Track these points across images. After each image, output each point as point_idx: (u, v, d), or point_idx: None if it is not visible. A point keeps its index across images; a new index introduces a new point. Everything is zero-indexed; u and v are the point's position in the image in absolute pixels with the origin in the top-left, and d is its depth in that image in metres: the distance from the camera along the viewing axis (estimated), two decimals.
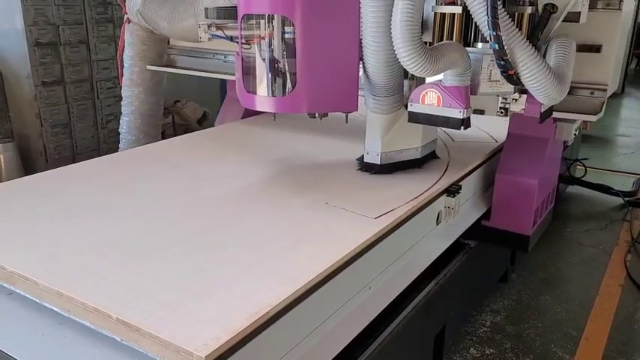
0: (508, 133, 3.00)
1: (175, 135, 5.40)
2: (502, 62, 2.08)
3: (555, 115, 2.69)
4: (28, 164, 5.13)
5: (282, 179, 2.62)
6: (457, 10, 2.25)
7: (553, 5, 2.24)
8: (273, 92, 2.47)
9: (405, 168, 2.67)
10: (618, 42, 2.61)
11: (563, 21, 2.29)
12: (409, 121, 2.40)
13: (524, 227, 2.92)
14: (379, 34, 2.20)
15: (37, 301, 1.60)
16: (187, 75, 4.22)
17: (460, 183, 2.62)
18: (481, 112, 2.46)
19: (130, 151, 3.43)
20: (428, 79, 2.35)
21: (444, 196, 2.51)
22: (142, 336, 1.42)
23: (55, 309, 1.56)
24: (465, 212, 2.78)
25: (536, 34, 2.27)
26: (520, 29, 2.20)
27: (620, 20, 2.56)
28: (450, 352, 3.00)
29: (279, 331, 1.55)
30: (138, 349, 1.39)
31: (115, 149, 4.47)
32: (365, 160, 2.67)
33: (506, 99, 2.40)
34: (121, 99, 4.31)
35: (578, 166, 5.23)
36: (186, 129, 6.02)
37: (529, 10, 2.24)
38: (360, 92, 2.45)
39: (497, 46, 2.03)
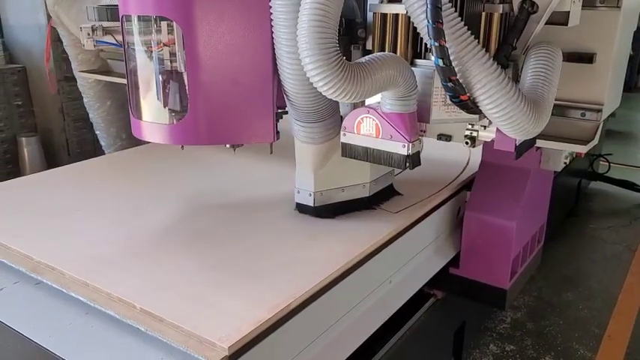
0: (481, 161, 2.42)
1: None
2: (450, 84, 1.53)
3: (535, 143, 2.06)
4: (50, 158, 5.22)
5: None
6: (401, 9, 1.71)
7: (533, 3, 1.68)
8: (162, 118, 1.89)
9: (352, 210, 2.11)
10: (617, 49, 1.97)
11: (547, 23, 1.74)
12: (342, 155, 1.89)
13: (499, 279, 2.34)
14: (295, 42, 1.57)
15: (63, 290, 1.63)
16: None
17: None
18: (447, 138, 1.95)
19: (150, 145, 3.47)
20: (367, 101, 1.80)
21: (465, 190, 2.49)
22: (165, 326, 1.44)
23: (81, 299, 1.59)
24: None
25: (511, 40, 1.72)
26: (489, 35, 1.72)
27: (619, 21, 1.91)
28: (469, 347, 2.99)
29: (300, 323, 1.56)
30: (162, 339, 1.41)
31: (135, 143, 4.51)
32: (296, 201, 2.12)
33: (472, 125, 1.88)
34: None
35: (601, 162, 5.15)
36: None
37: (501, 9, 1.71)
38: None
39: (440, 62, 1.48)
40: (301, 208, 2.11)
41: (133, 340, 1.45)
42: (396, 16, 1.77)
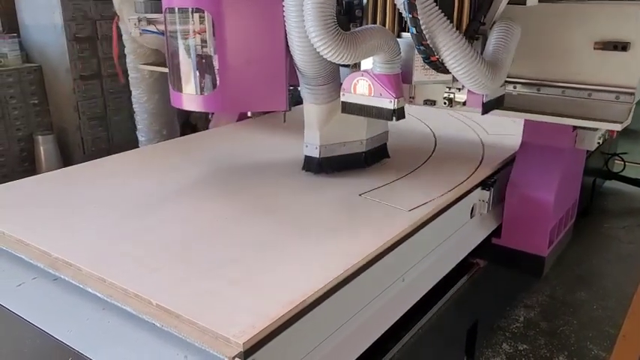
0: (522, 141, 2.69)
1: (207, 128, 5.46)
2: (422, 47, 1.95)
3: (573, 122, 2.36)
4: (66, 156, 5.28)
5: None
6: None
7: None
8: (198, 90, 2.34)
9: (350, 165, 2.49)
10: None
11: (509, 3, 2.13)
12: (342, 111, 2.26)
13: (538, 247, 2.60)
14: (301, 19, 2.01)
15: (80, 286, 1.66)
16: None
17: (495, 176, 2.58)
18: (432, 102, 2.30)
19: (167, 142, 3.50)
20: (362, 66, 2.22)
21: (478, 189, 2.49)
22: (181, 322, 1.46)
23: (98, 294, 1.61)
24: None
25: (479, 17, 2.11)
26: (461, 12, 2.07)
27: None
28: (482, 346, 2.98)
29: (314, 319, 1.57)
30: (177, 334, 1.42)
31: None
32: (305, 154, 2.49)
33: (450, 88, 2.22)
34: None
35: (616, 161, 5.09)
36: None
37: None
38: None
39: (414, 30, 1.90)
40: (308, 160, 2.49)
41: (149, 335, 1.47)
42: None
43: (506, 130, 3.25)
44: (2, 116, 4.93)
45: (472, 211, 2.48)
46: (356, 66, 2.28)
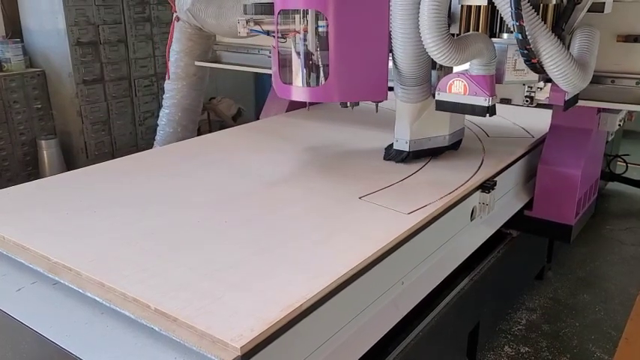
0: (551, 124, 2.99)
1: (210, 131, 5.48)
2: (525, 51, 2.13)
3: (599, 105, 2.72)
4: (69, 160, 5.30)
5: (316, 171, 2.64)
6: (483, 2, 2.32)
7: None
8: (307, 83, 2.60)
9: (435, 154, 2.78)
10: None
11: (588, 11, 2.33)
12: (437, 109, 2.49)
13: (566, 217, 2.92)
14: (407, 27, 2.29)
15: (80, 291, 1.67)
16: (223, 72, 4.26)
17: (495, 179, 2.58)
18: (508, 101, 2.52)
19: (168, 146, 3.51)
20: (455, 69, 2.44)
21: (478, 192, 2.48)
22: (178, 326, 1.46)
23: (97, 299, 1.62)
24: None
25: (561, 24, 2.31)
26: (545, 20, 2.25)
27: None
28: (484, 349, 2.97)
29: (313, 323, 1.57)
30: (175, 338, 1.43)
31: (152, 145, 4.57)
32: (394, 148, 2.76)
33: (531, 87, 2.45)
34: (159, 95, 4.42)
35: (618, 162, 5.07)
36: (222, 125, 6.12)
37: (554, 1, 2.29)
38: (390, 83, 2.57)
39: (520, 35, 2.09)
40: (398, 154, 2.75)
41: (147, 339, 1.47)
42: (479, 7, 2.36)
43: (506, 133, 3.25)
44: (6, 121, 4.96)
45: (472, 213, 2.47)
46: (442, 69, 2.58)
